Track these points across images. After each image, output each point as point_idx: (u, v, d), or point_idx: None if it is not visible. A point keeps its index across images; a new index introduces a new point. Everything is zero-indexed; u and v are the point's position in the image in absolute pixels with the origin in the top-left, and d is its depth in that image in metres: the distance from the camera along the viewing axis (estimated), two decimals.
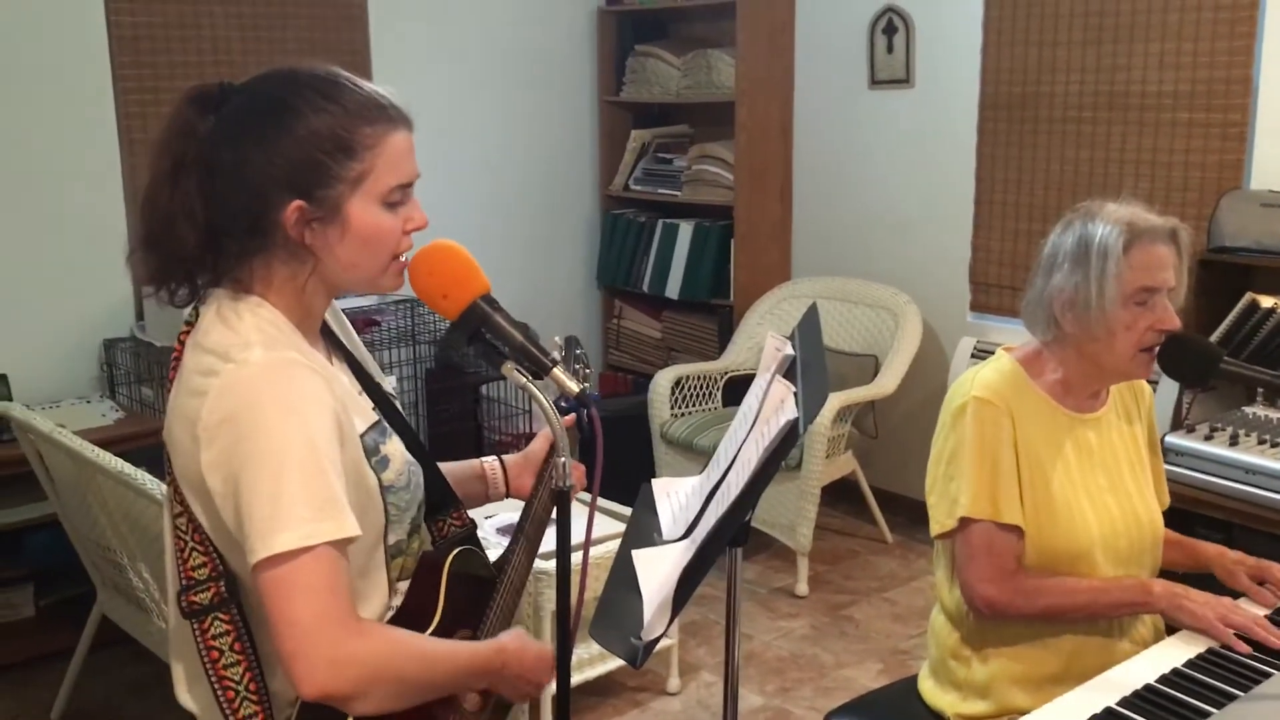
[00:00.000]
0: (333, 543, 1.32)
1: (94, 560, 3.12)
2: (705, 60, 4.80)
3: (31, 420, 2.97)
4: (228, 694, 1.41)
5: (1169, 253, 1.92)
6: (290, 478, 1.30)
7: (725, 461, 1.60)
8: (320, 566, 1.31)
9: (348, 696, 1.31)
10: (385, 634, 1.40)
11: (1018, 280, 4.10)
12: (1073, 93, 3.97)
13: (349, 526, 1.33)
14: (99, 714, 3.26)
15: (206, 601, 1.42)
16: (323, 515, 1.31)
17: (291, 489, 1.30)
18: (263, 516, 1.30)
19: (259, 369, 1.35)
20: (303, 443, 1.32)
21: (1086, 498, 1.99)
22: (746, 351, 4.62)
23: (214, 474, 1.34)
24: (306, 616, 1.29)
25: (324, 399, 1.37)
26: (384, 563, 1.51)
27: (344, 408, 1.42)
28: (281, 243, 1.41)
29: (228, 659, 1.42)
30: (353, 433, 1.43)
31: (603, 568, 2.84)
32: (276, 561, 1.30)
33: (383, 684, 1.33)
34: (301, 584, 1.30)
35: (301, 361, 1.38)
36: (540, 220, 5.10)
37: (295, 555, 1.30)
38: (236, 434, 1.32)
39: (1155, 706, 1.66)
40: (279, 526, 1.30)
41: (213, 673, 1.41)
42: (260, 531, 1.30)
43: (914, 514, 4.32)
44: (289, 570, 1.30)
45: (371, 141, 1.40)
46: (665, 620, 1.47)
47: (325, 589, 1.30)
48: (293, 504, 1.30)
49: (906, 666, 3.42)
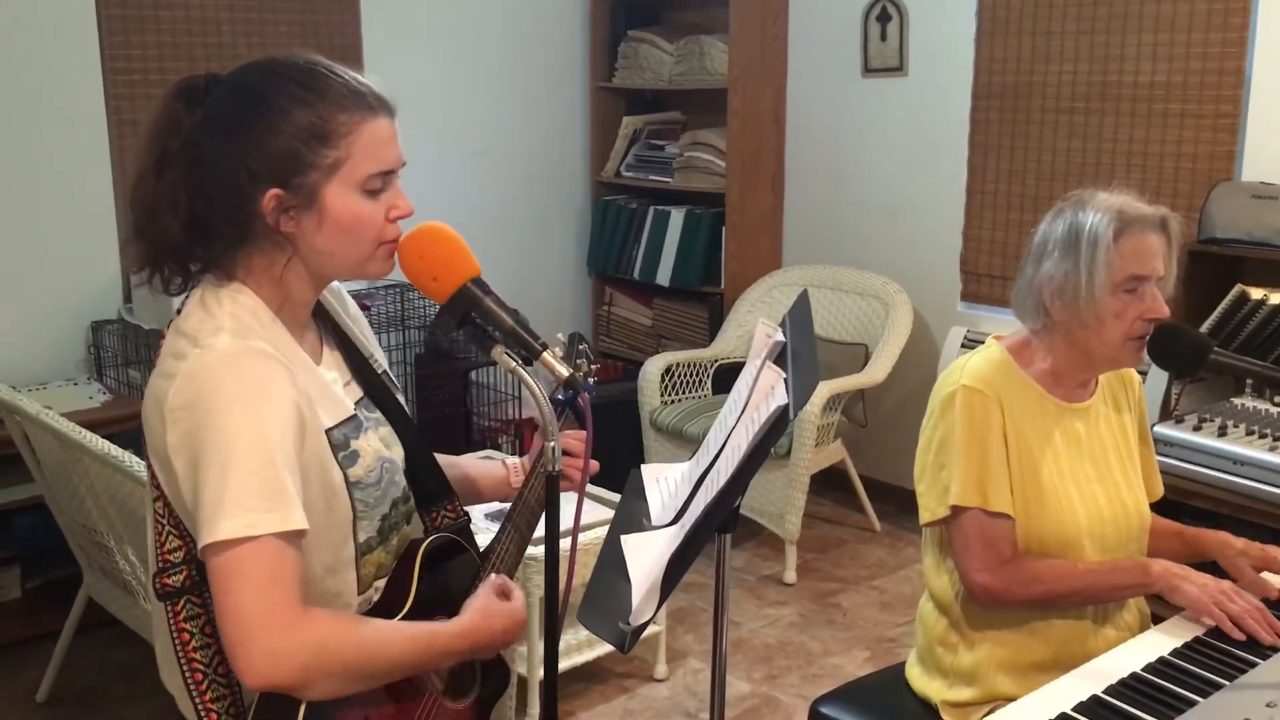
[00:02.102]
0: (279, 534, 1.31)
1: (80, 543, 3.11)
2: (698, 46, 4.79)
3: (18, 402, 2.95)
4: (195, 676, 1.42)
5: (1159, 241, 1.92)
6: (238, 466, 1.30)
7: (715, 447, 1.59)
8: (262, 557, 1.30)
9: (289, 685, 1.30)
10: (330, 622, 1.37)
11: (1009, 270, 4.10)
12: (1065, 83, 3.97)
13: (295, 519, 1.33)
14: (85, 696, 3.25)
15: (179, 584, 1.42)
16: (269, 506, 1.31)
17: (238, 478, 1.30)
18: (209, 502, 1.30)
19: (222, 356, 1.36)
20: (255, 432, 1.32)
21: (1074, 487, 1.99)
22: (737, 339, 4.62)
23: (177, 456, 1.35)
24: (245, 606, 1.29)
25: (284, 390, 1.37)
26: (353, 560, 1.50)
27: (309, 401, 1.41)
28: (262, 232, 1.42)
29: (197, 641, 1.42)
30: (316, 426, 1.42)
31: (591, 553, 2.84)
32: (220, 549, 1.30)
33: (326, 671, 1.32)
34: (243, 573, 1.29)
35: (266, 351, 1.38)
36: (531, 206, 5.09)
37: (238, 544, 1.29)
38: (195, 419, 1.33)
39: (1141, 695, 1.66)
40: (223, 514, 1.29)
41: (182, 655, 1.42)
42: (206, 517, 1.30)
43: (903, 503, 4.33)
44: (232, 558, 1.30)
45: (347, 129, 1.40)
46: (653, 606, 1.47)
47: (267, 579, 1.30)
48: (239, 493, 1.30)
49: (894, 654, 3.43)
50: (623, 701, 3.25)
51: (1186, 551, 2.11)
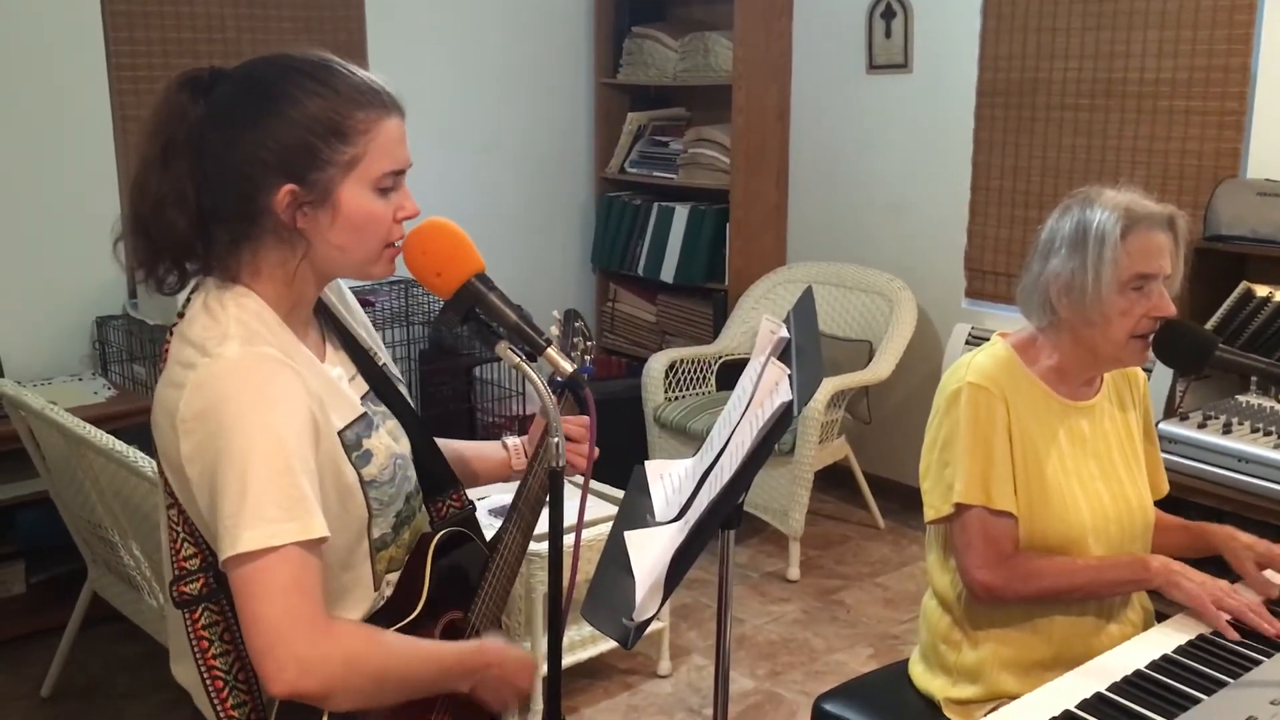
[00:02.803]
0: (300, 543, 1.31)
1: (85, 538, 3.11)
2: (703, 43, 4.78)
3: (23, 397, 2.96)
4: (216, 683, 1.41)
5: (1166, 240, 1.92)
6: (257, 476, 1.29)
7: (719, 444, 1.59)
8: (286, 566, 1.29)
9: (317, 695, 1.30)
10: (356, 632, 1.38)
11: (1013, 267, 4.09)
12: (1071, 80, 3.96)
13: (316, 527, 1.32)
14: (90, 691, 3.25)
15: (196, 592, 1.42)
16: (289, 515, 1.30)
17: (257, 488, 1.29)
18: (229, 514, 1.29)
19: (232, 364, 1.34)
20: (271, 441, 1.31)
21: (1079, 485, 1.99)
22: (741, 336, 4.62)
23: (192, 467, 1.33)
24: (273, 616, 1.28)
25: (297, 396, 1.36)
26: (368, 557, 1.50)
27: (321, 404, 1.40)
28: (271, 228, 1.40)
29: (217, 649, 1.42)
30: (329, 429, 1.41)
31: (595, 549, 2.84)
32: (242, 560, 1.29)
33: (352, 683, 1.32)
34: (268, 583, 1.29)
35: (276, 358, 1.37)
36: (535, 202, 5.09)
37: (261, 555, 1.29)
38: (208, 430, 1.32)
39: (1145, 692, 1.66)
40: (244, 525, 1.29)
41: (202, 662, 1.41)
42: (227, 529, 1.30)
43: (907, 500, 4.33)
44: (255, 570, 1.29)
45: (365, 126, 1.39)
46: (657, 602, 1.47)
47: (292, 589, 1.29)
48: (258, 503, 1.29)
49: (897, 651, 3.43)
50: (626, 698, 3.25)
51: (1192, 545, 2.11)
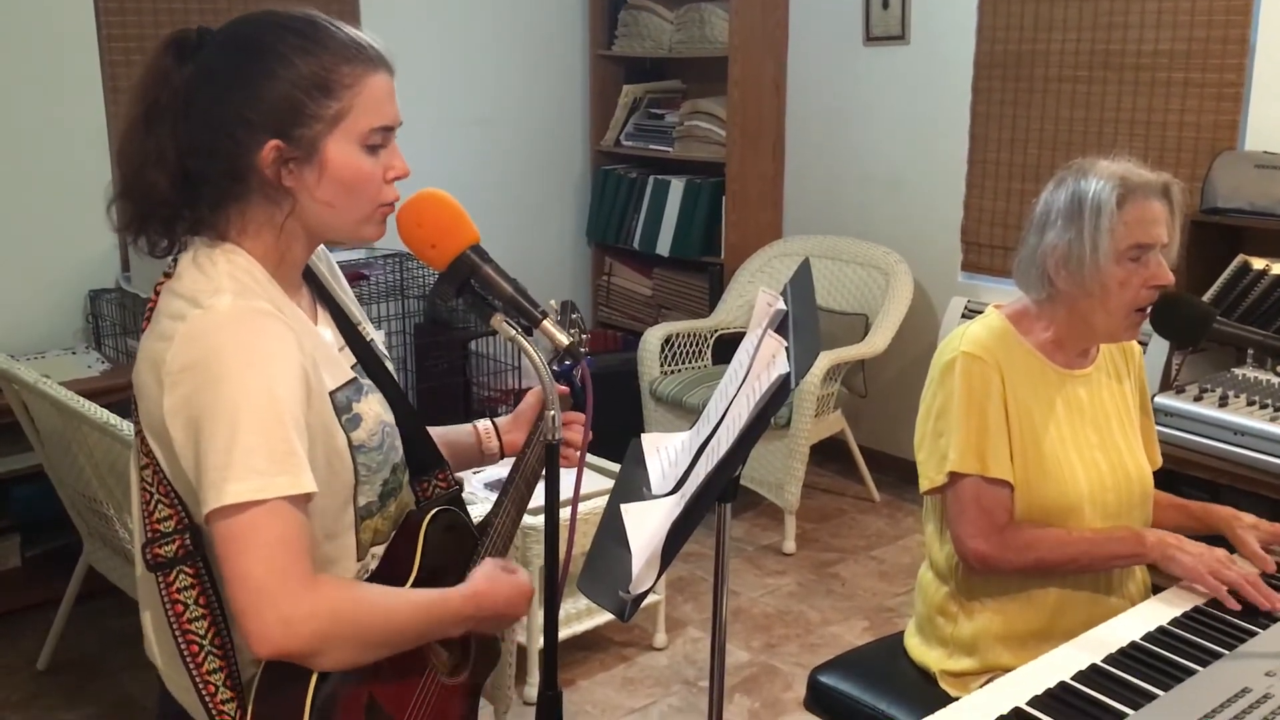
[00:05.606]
0: (288, 498, 1.29)
1: (80, 511, 3.11)
2: (698, 14, 4.75)
3: (16, 371, 2.94)
4: (191, 648, 1.38)
5: (1162, 208, 1.91)
6: (247, 428, 1.27)
7: (715, 417, 1.59)
8: (273, 521, 1.27)
9: (302, 654, 1.28)
10: (341, 588, 1.36)
11: (1010, 240, 4.08)
12: (1068, 51, 3.94)
13: (305, 482, 1.30)
14: (85, 664, 3.26)
15: (171, 554, 1.39)
16: (279, 469, 1.28)
17: (247, 440, 1.27)
18: (215, 466, 1.27)
19: (226, 316, 1.32)
20: (263, 394, 1.29)
21: (1076, 453, 1.99)
22: (737, 309, 4.61)
23: (175, 420, 1.31)
24: (258, 572, 1.26)
25: (290, 351, 1.34)
26: (352, 525, 1.48)
27: (313, 362, 1.39)
28: (258, 186, 1.39)
29: (192, 613, 1.39)
30: (321, 389, 1.40)
31: (591, 523, 2.84)
32: (228, 513, 1.27)
33: (339, 639, 1.30)
34: (253, 538, 1.27)
35: (270, 311, 1.35)
36: (530, 176, 5.06)
37: (247, 508, 1.27)
38: (197, 381, 1.29)
39: (1141, 664, 1.66)
40: (231, 477, 1.26)
41: (176, 626, 1.38)
42: (213, 481, 1.27)
43: (902, 473, 4.34)
44: (240, 523, 1.27)
45: (350, 81, 1.38)
46: (653, 574, 1.47)
47: (278, 543, 1.27)
48: (247, 455, 1.27)
49: (892, 624, 3.44)
50: (622, 670, 3.26)
51: (1193, 525, 2.11)
